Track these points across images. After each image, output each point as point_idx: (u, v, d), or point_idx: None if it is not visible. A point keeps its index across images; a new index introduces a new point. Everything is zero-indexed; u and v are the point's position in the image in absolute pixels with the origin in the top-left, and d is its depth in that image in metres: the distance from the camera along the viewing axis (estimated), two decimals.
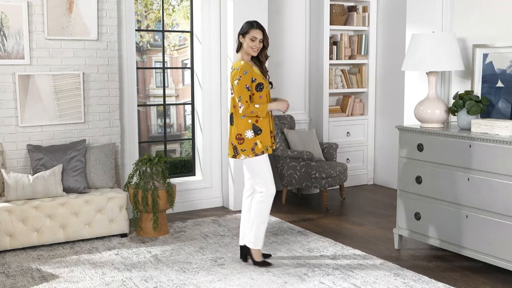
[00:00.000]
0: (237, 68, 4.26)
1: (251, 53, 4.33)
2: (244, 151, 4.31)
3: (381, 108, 7.42)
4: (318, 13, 7.01)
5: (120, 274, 4.31)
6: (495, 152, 4.08)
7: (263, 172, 4.36)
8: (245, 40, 4.31)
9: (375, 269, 4.40)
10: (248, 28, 4.30)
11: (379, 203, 6.56)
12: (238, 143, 4.31)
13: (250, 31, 4.29)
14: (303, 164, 6.20)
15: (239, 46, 4.36)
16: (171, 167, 6.60)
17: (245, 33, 4.30)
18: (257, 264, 4.47)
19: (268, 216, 4.45)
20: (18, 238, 4.78)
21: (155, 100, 7.38)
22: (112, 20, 5.53)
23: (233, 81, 4.28)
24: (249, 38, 4.28)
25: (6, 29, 5.08)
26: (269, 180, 4.38)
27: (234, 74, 4.27)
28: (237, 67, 4.28)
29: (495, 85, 4.56)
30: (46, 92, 5.28)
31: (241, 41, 4.34)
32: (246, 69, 4.24)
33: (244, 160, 4.36)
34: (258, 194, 4.41)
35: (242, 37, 4.33)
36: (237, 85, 4.23)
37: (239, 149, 4.32)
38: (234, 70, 4.29)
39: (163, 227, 5.30)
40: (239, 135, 4.31)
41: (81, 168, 5.18)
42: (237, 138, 4.31)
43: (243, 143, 4.30)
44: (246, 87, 4.22)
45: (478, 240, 4.25)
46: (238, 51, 4.39)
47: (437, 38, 4.59)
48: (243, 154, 4.32)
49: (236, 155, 4.35)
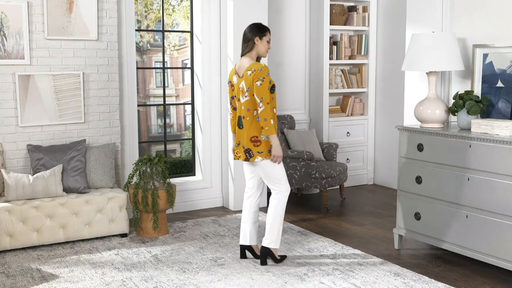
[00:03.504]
0: (259, 69, 4.25)
1: (264, 55, 4.41)
2: (261, 153, 4.31)
3: (381, 108, 7.42)
4: (318, 13, 7.01)
5: (120, 274, 4.31)
6: (495, 152, 4.08)
7: (279, 171, 4.39)
8: (262, 42, 4.35)
9: (375, 269, 4.40)
10: (265, 31, 4.37)
11: (379, 203, 6.56)
12: (253, 145, 4.31)
13: (267, 34, 4.38)
14: (303, 164, 6.20)
15: (252, 47, 4.36)
16: (171, 167, 6.60)
17: (263, 35, 4.35)
18: (278, 261, 4.52)
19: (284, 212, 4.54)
20: (18, 238, 4.78)
21: (155, 100, 7.38)
22: (112, 20, 5.53)
23: (253, 82, 4.24)
24: (266, 40, 4.37)
25: (6, 29, 5.08)
26: (285, 177, 4.45)
27: (256, 75, 4.23)
28: (258, 68, 4.26)
29: (495, 85, 4.56)
30: (46, 92, 5.28)
31: (256, 43, 4.34)
32: (268, 71, 4.28)
33: (260, 162, 4.35)
34: (277, 194, 4.43)
35: (259, 39, 4.34)
36: (260, 86, 4.22)
37: (254, 152, 4.31)
38: (256, 72, 4.25)
39: (163, 227, 5.30)
40: (254, 137, 4.31)
41: (81, 168, 5.18)
42: (252, 140, 4.31)
43: (260, 144, 4.31)
44: (268, 89, 4.24)
45: (478, 240, 4.25)
46: (248, 53, 4.37)
47: (437, 38, 4.59)
48: (260, 156, 4.31)
49: (249, 158, 4.34)
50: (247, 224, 4.55)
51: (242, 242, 4.59)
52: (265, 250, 4.48)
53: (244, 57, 4.39)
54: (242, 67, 4.38)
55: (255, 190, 4.55)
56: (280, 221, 4.45)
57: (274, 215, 4.43)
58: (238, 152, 4.43)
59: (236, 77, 4.43)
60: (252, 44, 4.35)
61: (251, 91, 4.27)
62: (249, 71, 4.28)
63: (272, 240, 4.46)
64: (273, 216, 4.43)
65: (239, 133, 4.41)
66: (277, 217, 4.43)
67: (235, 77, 4.43)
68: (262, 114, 4.22)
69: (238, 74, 4.40)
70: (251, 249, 4.59)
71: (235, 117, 4.54)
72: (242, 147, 4.37)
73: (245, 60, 4.38)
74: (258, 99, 4.22)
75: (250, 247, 4.59)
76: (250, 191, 4.56)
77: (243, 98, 4.33)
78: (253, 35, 4.35)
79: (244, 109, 4.34)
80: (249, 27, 4.41)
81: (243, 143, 4.36)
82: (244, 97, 4.32)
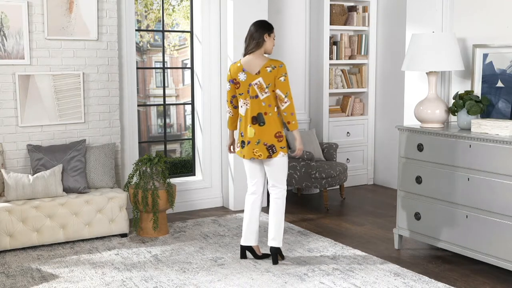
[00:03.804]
0: (280, 66, 4.31)
1: (271, 52, 4.46)
2: (283, 148, 4.38)
3: (381, 108, 7.42)
4: (318, 13, 7.01)
5: (120, 274, 4.31)
6: (495, 152, 4.08)
7: (287, 168, 4.49)
8: (270, 39, 4.39)
9: (375, 269, 4.40)
10: (272, 28, 4.42)
11: (379, 203, 6.56)
12: (277, 141, 4.34)
13: (273, 30, 4.43)
14: (303, 164, 6.20)
15: (261, 45, 4.36)
16: (171, 167, 6.60)
17: (271, 32, 4.40)
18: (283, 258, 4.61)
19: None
20: (18, 238, 4.78)
21: (155, 100, 7.38)
22: (112, 20, 5.53)
23: (276, 78, 4.28)
24: (273, 37, 4.42)
25: (6, 29, 5.08)
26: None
27: (278, 71, 4.28)
28: (278, 64, 4.31)
29: (495, 85, 4.56)
30: (46, 92, 5.28)
31: (266, 40, 4.37)
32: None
33: (281, 158, 4.38)
34: (280, 192, 4.46)
35: (268, 36, 4.38)
36: (284, 81, 4.29)
37: (277, 147, 4.34)
38: (277, 68, 4.29)
39: (163, 227, 5.30)
40: (279, 132, 4.35)
41: (81, 168, 5.18)
42: (276, 136, 4.34)
43: (283, 140, 4.38)
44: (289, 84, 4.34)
45: (478, 240, 4.25)
46: (256, 50, 4.36)
47: (437, 38, 4.59)
48: (282, 151, 4.37)
49: (272, 154, 4.34)
50: (253, 225, 4.53)
51: (246, 243, 4.57)
52: (276, 250, 4.52)
53: (252, 54, 4.36)
54: (252, 64, 4.34)
55: (261, 190, 4.55)
56: (283, 217, 4.54)
57: (281, 212, 4.48)
58: (258, 150, 4.34)
59: (244, 75, 4.35)
60: (262, 41, 4.35)
61: (271, 87, 4.30)
62: (268, 68, 4.29)
63: (280, 239, 4.52)
64: (281, 215, 4.48)
65: (259, 131, 4.33)
66: (282, 214, 4.50)
67: (242, 74, 4.36)
68: (288, 109, 4.30)
69: (249, 71, 4.33)
70: (251, 249, 4.59)
71: (235, 115, 4.54)
72: (264, 144, 4.33)
73: (254, 57, 4.35)
74: (283, 94, 4.28)
75: (251, 248, 4.59)
76: (256, 192, 4.53)
77: (262, 94, 4.32)
78: (263, 32, 4.35)
79: (265, 105, 4.33)
80: (257, 24, 4.39)
81: (264, 140, 4.33)
82: (263, 94, 4.31)
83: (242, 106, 4.42)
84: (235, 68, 4.41)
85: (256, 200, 4.54)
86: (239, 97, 4.43)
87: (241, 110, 4.43)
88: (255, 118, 4.34)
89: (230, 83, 4.48)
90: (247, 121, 4.38)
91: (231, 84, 4.46)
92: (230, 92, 4.50)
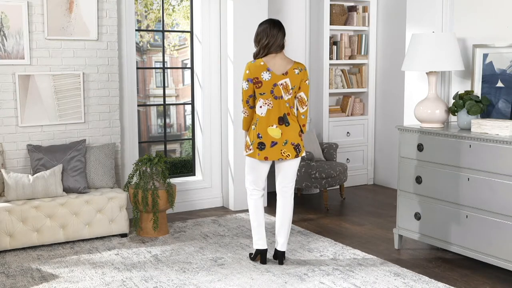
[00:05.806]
0: (305, 69, 4.36)
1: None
2: (304, 147, 4.45)
3: (381, 108, 7.42)
4: (318, 13, 7.01)
5: (120, 274, 4.31)
6: (495, 152, 4.08)
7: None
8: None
9: (375, 269, 4.40)
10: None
11: (379, 203, 6.56)
12: (301, 140, 4.38)
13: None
14: (303, 164, 6.20)
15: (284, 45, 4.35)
16: (171, 167, 6.60)
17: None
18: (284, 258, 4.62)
19: None
20: (18, 238, 4.78)
21: (155, 100, 7.38)
22: (112, 20, 5.53)
23: (302, 81, 4.32)
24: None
25: (6, 29, 5.08)
26: None
27: (304, 75, 4.33)
28: (303, 67, 4.35)
29: (495, 85, 4.56)
30: (46, 92, 5.28)
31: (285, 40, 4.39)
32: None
33: (299, 158, 4.42)
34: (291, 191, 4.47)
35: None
36: (308, 85, 4.38)
37: (301, 146, 4.39)
38: (303, 71, 4.32)
39: (163, 227, 5.30)
40: (300, 132, 4.41)
41: (81, 168, 5.18)
42: (299, 135, 4.40)
43: (303, 139, 4.45)
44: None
45: (478, 240, 4.25)
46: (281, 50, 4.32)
47: (437, 38, 4.59)
48: (304, 150, 4.44)
49: (298, 153, 4.37)
50: (263, 228, 4.49)
51: (262, 246, 4.48)
52: (283, 252, 4.53)
53: (276, 54, 4.28)
54: (278, 64, 4.27)
55: (264, 191, 4.56)
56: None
57: (291, 214, 4.52)
58: (286, 151, 4.29)
59: (268, 74, 4.24)
60: (284, 41, 4.34)
61: (296, 89, 4.32)
62: (296, 70, 4.29)
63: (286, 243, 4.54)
64: (290, 215, 4.51)
65: (285, 131, 4.29)
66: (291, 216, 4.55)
67: (267, 73, 4.23)
68: (306, 112, 4.42)
69: (274, 71, 4.24)
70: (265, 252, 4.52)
71: (250, 115, 4.39)
72: (291, 144, 4.32)
73: (279, 58, 4.29)
74: (306, 98, 4.35)
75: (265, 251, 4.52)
76: (261, 193, 4.50)
77: (286, 95, 4.29)
78: (284, 33, 4.34)
79: (288, 106, 4.31)
80: (277, 24, 4.30)
81: (291, 139, 4.32)
82: (288, 95, 4.29)
83: (262, 106, 4.28)
84: (257, 67, 4.25)
85: (261, 201, 4.50)
86: (259, 97, 4.29)
87: (260, 111, 4.29)
88: (281, 119, 4.29)
89: (248, 82, 4.29)
90: (268, 121, 4.28)
91: (250, 83, 4.28)
92: (247, 92, 4.31)
